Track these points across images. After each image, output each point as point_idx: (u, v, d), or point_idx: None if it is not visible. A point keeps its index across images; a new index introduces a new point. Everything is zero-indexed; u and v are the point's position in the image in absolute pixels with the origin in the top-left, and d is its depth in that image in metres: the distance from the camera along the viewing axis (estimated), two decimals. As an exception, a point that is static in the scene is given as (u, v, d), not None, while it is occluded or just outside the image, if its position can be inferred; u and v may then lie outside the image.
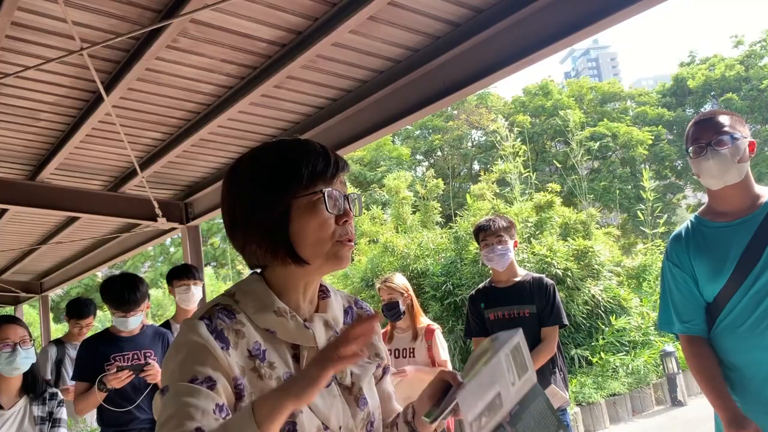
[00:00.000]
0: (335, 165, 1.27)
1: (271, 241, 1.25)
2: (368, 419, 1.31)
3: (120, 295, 3.43)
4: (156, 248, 27.45)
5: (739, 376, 2.22)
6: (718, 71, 32.05)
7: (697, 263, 2.29)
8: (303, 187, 1.23)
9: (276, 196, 1.24)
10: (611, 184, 27.35)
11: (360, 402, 1.29)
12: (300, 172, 1.23)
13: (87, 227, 6.88)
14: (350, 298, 1.46)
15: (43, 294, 10.18)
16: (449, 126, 30.98)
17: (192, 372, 1.11)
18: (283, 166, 1.25)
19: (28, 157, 4.67)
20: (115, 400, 3.41)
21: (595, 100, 34.14)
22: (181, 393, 1.09)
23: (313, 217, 1.23)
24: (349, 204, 1.28)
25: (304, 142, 1.30)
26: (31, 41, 3.01)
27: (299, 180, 1.23)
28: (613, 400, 8.54)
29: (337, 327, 1.33)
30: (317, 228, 1.23)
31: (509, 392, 1.24)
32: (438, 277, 10.64)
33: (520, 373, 1.28)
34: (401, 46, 3.40)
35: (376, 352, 1.42)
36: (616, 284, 10.75)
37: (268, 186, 1.25)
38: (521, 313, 3.46)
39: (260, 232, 1.25)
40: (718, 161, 2.21)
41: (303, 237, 1.23)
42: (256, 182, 1.26)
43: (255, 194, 1.26)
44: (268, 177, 1.25)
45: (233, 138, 4.54)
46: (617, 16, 2.72)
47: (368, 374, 1.35)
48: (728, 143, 2.20)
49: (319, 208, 1.23)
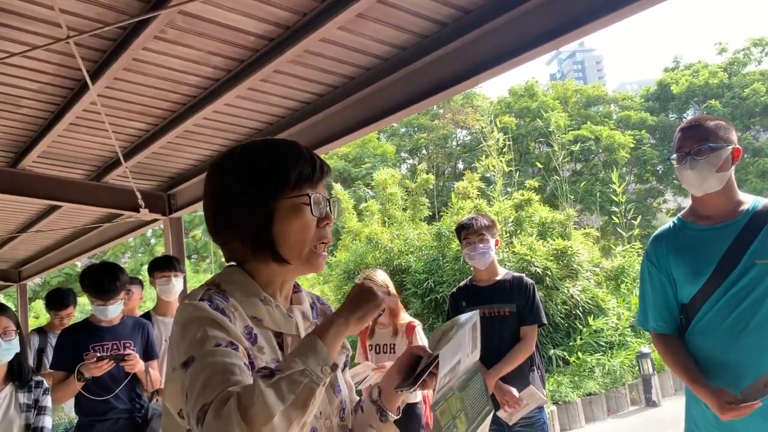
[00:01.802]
0: (320, 169, 1.31)
1: (254, 240, 1.29)
2: (341, 406, 1.37)
3: (100, 283, 3.43)
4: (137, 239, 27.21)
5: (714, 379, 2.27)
6: (702, 78, 32.37)
7: (676, 264, 2.34)
8: (289, 189, 1.27)
9: (262, 196, 1.27)
10: (593, 187, 27.55)
11: (335, 389, 1.36)
12: (287, 175, 1.27)
13: (68, 216, 6.83)
14: (312, 296, 1.52)
15: (21, 283, 10.08)
16: (435, 125, 31.02)
17: (214, 339, 1.13)
18: (271, 167, 1.29)
19: (9, 144, 4.62)
20: (93, 389, 3.40)
21: (580, 102, 34.35)
22: (210, 355, 1.10)
23: (297, 219, 1.28)
24: (330, 207, 1.33)
25: (291, 144, 1.34)
26: (17, 27, 2.98)
27: (286, 182, 1.27)
28: (589, 399, 8.64)
29: (308, 319, 1.41)
30: (299, 230, 1.28)
31: (466, 361, 1.41)
32: (420, 274, 10.68)
33: (473, 349, 1.46)
34: (389, 43, 3.42)
35: (343, 344, 1.45)
36: (594, 285, 10.86)
37: (255, 185, 1.28)
38: (501, 311, 3.50)
39: (244, 229, 1.29)
40: (697, 171, 2.26)
41: (285, 238, 1.28)
42: (243, 180, 1.29)
43: (241, 192, 1.29)
44: (256, 176, 1.29)
45: (218, 131, 4.53)
46: (603, 20, 2.75)
47: (340, 363, 1.41)
48: (707, 153, 2.25)
49: (304, 211, 1.28)
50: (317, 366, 1.06)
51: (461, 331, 1.37)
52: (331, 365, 1.09)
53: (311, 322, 1.40)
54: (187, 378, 1.09)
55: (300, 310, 1.38)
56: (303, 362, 1.06)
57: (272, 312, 1.29)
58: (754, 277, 2.19)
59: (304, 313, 1.39)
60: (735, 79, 31.65)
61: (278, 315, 1.30)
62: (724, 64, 32.95)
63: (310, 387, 1.04)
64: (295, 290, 1.43)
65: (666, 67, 36.11)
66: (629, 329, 10.31)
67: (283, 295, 1.37)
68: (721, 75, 32.06)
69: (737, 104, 30.23)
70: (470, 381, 1.47)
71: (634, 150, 30.47)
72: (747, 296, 2.19)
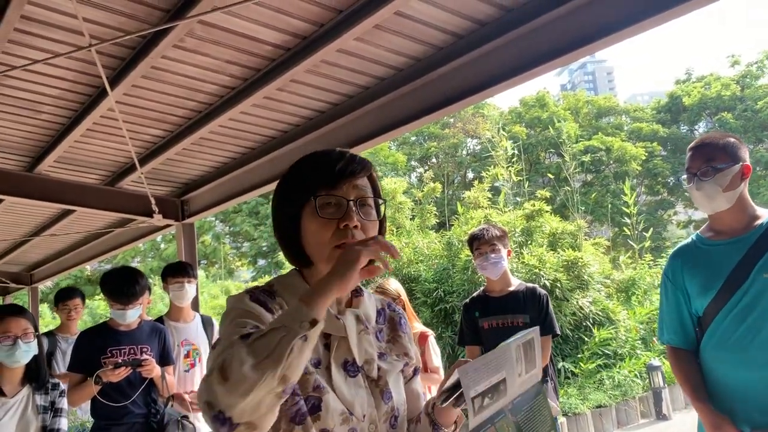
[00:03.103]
0: (339, 171, 1.33)
1: (285, 244, 1.39)
2: (392, 413, 1.37)
3: (119, 287, 3.47)
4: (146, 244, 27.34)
5: (723, 392, 2.28)
6: (714, 90, 32.27)
7: (690, 278, 2.37)
8: (306, 193, 1.33)
9: (288, 203, 1.36)
10: (603, 198, 27.48)
11: (385, 395, 1.36)
12: (306, 180, 1.34)
13: (81, 221, 6.88)
14: (384, 301, 1.55)
15: (33, 285, 10.14)
16: (445, 133, 31.05)
17: (242, 324, 1.21)
18: (296, 176, 1.38)
19: (27, 148, 4.68)
20: (110, 394, 3.43)
21: (591, 113, 34.32)
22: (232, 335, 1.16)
23: (313, 222, 1.32)
24: (357, 208, 1.33)
25: (325, 151, 1.40)
26: (40, 35, 3.04)
27: (305, 187, 1.34)
28: (599, 411, 8.60)
29: (369, 324, 1.42)
30: (315, 232, 1.32)
31: (514, 381, 1.31)
32: (430, 283, 10.68)
33: (528, 368, 1.35)
34: (404, 54, 3.45)
35: (405, 351, 1.49)
36: (604, 297, 10.83)
37: (285, 194, 1.39)
38: (515, 322, 3.51)
39: (280, 234, 1.40)
40: (704, 192, 2.29)
41: (307, 241, 1.35)
42: (279, 191, 1.41)
43: (277, 202, 1.41)
44: (286, 186, 1.39)
45: (233, 138, 4.57)
46: (615, 36, 2.77)
47: (395, 370, 1.42)
48: (713, 174, 2.27)
49: (315, 214, 1.31)
50: (295, 322, 1.08)
51: (504, 347, 1.31)
52: (311, 320, 1.09)
53: (370, 326, 1.42)
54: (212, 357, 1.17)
55: (354, 314, 1.39)
56: (280, 321, 1.10)
57: None
58: (762, 291, 2.20)
59: (359, 316, 1.40)
60: (748, 91, 31.53)
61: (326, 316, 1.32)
62: (736, 77, 32.84)
63: (286, 341, 1.06)
64: (355, 294, 1.46)
65: (678, 79, 36.04)
66: (639, 341, 10.26)
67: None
68: (733, 87, 31.96)
69: (750, 117, 30.10)
70: (528, 405, 1.37)
71: (645, 162, 30.38)
72: (753, 310, 2.20)
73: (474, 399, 1.21)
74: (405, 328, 1.54)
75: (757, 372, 2.17)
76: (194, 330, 4.18)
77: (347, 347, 1.35)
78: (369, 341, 1.40)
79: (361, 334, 1.38)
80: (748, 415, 2.18)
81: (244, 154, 4.90)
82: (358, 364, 1.35)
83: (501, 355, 1.29)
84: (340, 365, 1.32)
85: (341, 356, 1.33)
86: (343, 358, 1.33)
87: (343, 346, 1.34)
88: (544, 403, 1.40)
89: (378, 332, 1.46)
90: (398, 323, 1.53)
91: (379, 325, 1.47)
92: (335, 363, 1.32)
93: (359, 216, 1.32)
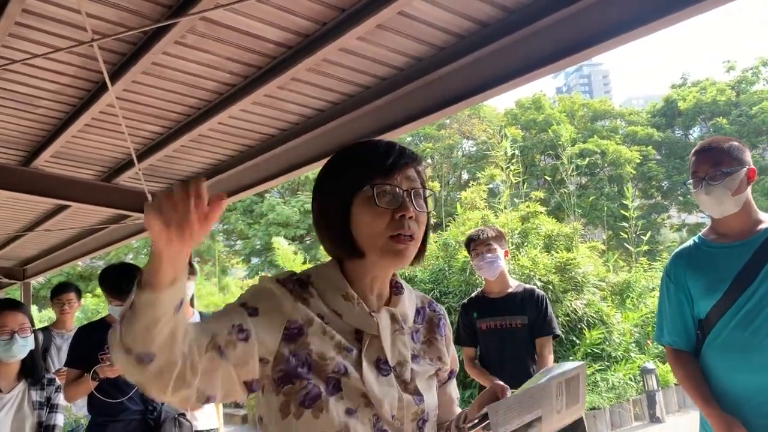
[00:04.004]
0: (394, 161, 1.32)
1: (333, 235, 1.35)
2: (421, 416, 1.34)
3: (117, 283, 3.47)
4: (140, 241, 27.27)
5: (724, 395, 2.28)
6: (709, 95, 32.40)
7: (693, 280, 2.37)
8: (360, 183, 1.30)
9: (338, 193, 1.33)
10: (598, 201, 27.56)
11: (416, 398, 1.34)
12: (358, 170, 1.32)
13: (76, 216, 6.85)
14: (425, 300, 1.53)
15: (25, 281, 10.09)
16: (441, 134, 31.09)
17: (244, 299, 1.28)
18: (346, 165, 1.36)
19: (23, 143, 4.65)
20: (107, 390, 3.42)
21: (586, 116, 34.42)
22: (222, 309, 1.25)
23: (367, 211, 1.30)
24: (412, 199, 1.31)
25: (372, 141, 1.39)
26: (40, 29, 3.02)
27: (357, 176, 1.31)
28: (592, 413, 8.62)
29: (405, 323, 1.39)
30: (370, 222, 1.29)
31: (551, 419, 1.26)
32: (426, 284, 10.68)
33: (569, 403, 1.30)
34: (406, 54, 3.45)
35: (439, 355, 1.46)
36: (599, 299, 10.85)
37: (333, 184, 1.36)
38: (513, 323, 3.52)
39: (327, 225, 1.36)
40: (713, 196, 2.29)
41: (359, 230, 1.31)
42: (325, 181, 1.38)
43: (323, 192, 1.38)
44: (334, 176, 1.37)
45: (232, 136, 4.56)
46: (619, 39, 2.76)
47: (427, 373, 1.39)
48: (722, 178, 2.27)
49: (370, 203, 1.29)
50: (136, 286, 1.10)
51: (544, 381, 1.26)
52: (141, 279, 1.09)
53: (406, 326, 1.39)
54: None
55: (390, 312, 1.37)
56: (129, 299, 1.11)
57: (353, 308, 1.31)
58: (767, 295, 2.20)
59: (395, 315, 1.37)
60: (743, 97, 31.69)
61: (358, 312, 1.31)
62: (732, 82, 33.00)
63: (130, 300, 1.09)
64: (396, 291, 1.44)
65: (673, 84, 36.18)
66: (633, 344, 10.28)
67: (375, 293, 1.38)
68: (728, 93, 32.11)
69: (744, 122, 30.25)
70: None
71: (639, 165, 30.48)
72: (759, 314, 2.20)
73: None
74: (443, 330, 1.51)
75: (760, 376, 2.17)
76: (192, 327, 4.16)
77: (380, 346, 1.32)
78: (403, 342, 1.37)
79: (396, 334, 1.36)
80: (749, 419, 2.18)
81: (242, 152, 4.88)
82: (391, 364, 1.32)
83: (537, 394, 1.25)
84: (372, 362, 1.30)
85: (373, 354, 1.31)
86: (375, 356, 1.31)
87: (375, 344, 1.32)
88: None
89: (414, 332, 1.43)
90: (437, 325, 1.50)
91: (416, 325, 1.44)
92: (367, 359, 1.29)
93: (413, 206, 1.31)
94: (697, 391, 2.33)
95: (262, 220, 25.71)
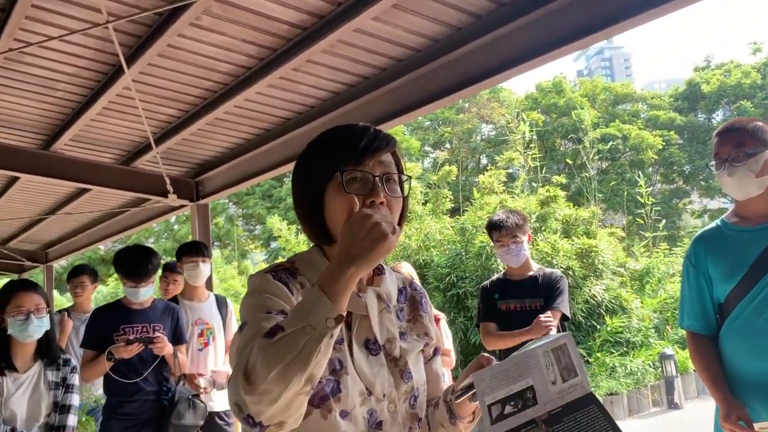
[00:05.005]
0: (365, 146, 1.29)
1: (308, 220, 1.35)
2: (412, 393, 1.36)
3: (132, 265, 3.51)
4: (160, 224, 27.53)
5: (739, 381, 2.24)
6: (734, 77, 31.78)
7: (713, 264, 2.33)
8: (331, 169, 1.29)
9: (311, 178, 1.33)
10: (619, 186, 27.28)
11: (405, 375, 1.35)
12: (330, 155, 1.30)
13: (96, 200, 6.92)
14: (405, 280, 1.53)
15: (48, 264, 10.23)
16: (459, 118, 30.89)
17: (266, 307, 1.21)
18: (320, 150, 1.34)
19: (43, 126, 4.70)
20: (122, 370, 3.47)
21: (608, 100, 33.97)
22: (258, 321, 1.16)
23: (338, 198, 1.27)
24: (383, 185, 1.29)
25: (348, 126, 1.36)
26: (56, 11, 3.02)
27: (329, 162, 1.30)
28: (610, 399, 8.58)
29: (390, 302, 1.40)
30: (339, 208, 1.26)
31: (547, 390, 1.23)
32: (442, 268, 10.66)
33: (564, 375, 1.25)
34: (422, 35, 3.41)
35: (426, 331, 1.47)
36: (618, 285, 10.77)
37: (307, 169, 1.35)
38: (533, 305, 3.55)
39: (302, 210, 1.36)
40: (736, 177, 2.24)
41: (331, 219, 1.31)
42: (302, 166, 1.37)
43: (299, 176, 1.37)
44: (309, 161, 1.35)
45: (248, 119, 4.55)
46: (637, 19, 2.71)
47: (415, 350, 1.41)
48: (745, 159, 2.21)
49: (341, 190, 1.27)
50: (321, 320, 1.04)
51: (529, 352, 1.25)
52: (336, 317, 1.05)
53: (391, 305, 1.40)
54: (238, 341, 1.17)
55: (375, 292, 1.38)
56: (305, 317, 1.04)
57: None
58: None
59: (381, 295, 1.38)
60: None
61: None
62: (757, 65, 32.32)
63: (313, 343, 1.02)
64: (377, 272, 1.44)
65: (696, 66, 35.51)
66: (653, 330, 10.20)
67: None
68: (754, 75, 31.48)
69: (769, 105, 29.66)
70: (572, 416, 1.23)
71: (661, 150, 30.07)
72: None
73: (491, 406, 1.18)
74: (426, 307, 1.52)
75: None
76: (208, 309, 4.20)
77: (368, 326, 1.33)
78: (390, 320, 1.38)
79: (383, 312, 1.37)
80: (764, 403, 2.15)
81: (258, 135, 4.88)
82: (380, 342, 1.33)
83: (523, 362, 1.23)
84: (361, 344, 1.31)
85: (363, 335, 1.32)
86: (364, 337, 1.32)
87: (364, 324, 1.33)
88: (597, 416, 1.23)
89: (399, 311, 1.44)
90: (419, 302, 1.51)
91: (400, 304, 1.45)
92: (357, 341, 1.30)
93: (385, 192, 1.28)
94: (708, 373, 2.31)
95: (281, 205, 25.80)
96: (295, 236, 13.71)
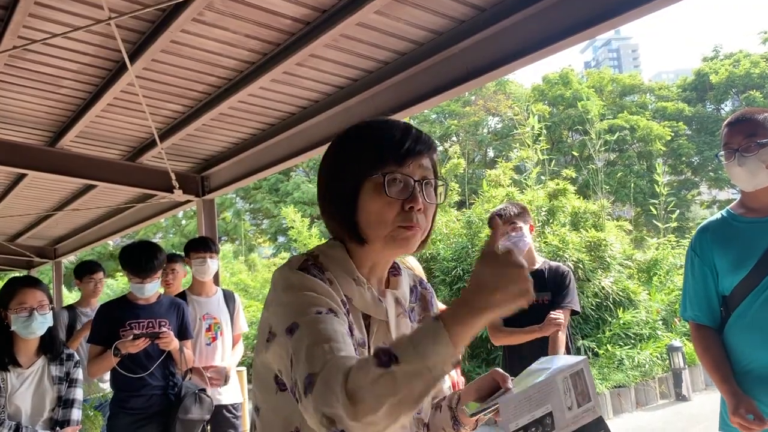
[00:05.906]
0: (409, 148, 1.25)
1: (338, 217, 1.30)
2: None
3: (138, 261, 3.53)
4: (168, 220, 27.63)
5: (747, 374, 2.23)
6: (743, 67, 31.50)
7: (720, 255, 2.31)
8: (371, 168, 1.24)
9: (347, 175, 1.27)
10: (627, 178, 27.13)
11: None
12: (370, 154, 1.25)
13: (103, 196, 6.95)
14: (415, 278, 1.50)
15: (57, 260, 10.30)
16: (466, 111, 30.78)
17: (315, 306, 1.14)
18: (358, 146, 1.29)
19: (48, 123, 4.72)
20: (128, 365, 3.50)
21: (615, 91, 33.75)
22: (313, 323, 1.11)
23: (376, 198, 1.24)
24: (423, 190, 1.26)
25: (387, 123, 1.32)
26: (59, 9, 3.03)
27: (368, 161, 1.25)
28: (617, 391, 8.57)
29: (405, 304, 1.37)
30: (378, 211, 1.24)
31: (564, 416, 1.25)
32: (448, 261, 10.65)
33: (579, 401, 1.29)
34: (425, 28, 3.39)
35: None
36: (626, 277, 10.74)
37: (343, 164, 1.29)
38: (539, 300, 3.50)
39: (332, 206, 1.31)
40: (746, 168, 2.22)
41: (365, 217, 1.26)
42: (335, 159, 1.32)
43: (332, 170, 1.31)
44: (345, 155, 1.30)
45: (252, 114, 4.56)
46: (643, 9, 2.68)
47: None
48: (756, 149, 2.19)
49: (381, 191, 1.24)
50: (439, 365, 0.96)
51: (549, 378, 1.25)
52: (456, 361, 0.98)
53: (405, 308, 1.37)
54: (292, 345, 1.10)
55: (394, 296, 1.35)
56: (425, 356, 0.96)
57: (363, 293, 1.28)
58: None
59: (398, 298, 1.36)
60: (778, 69, 30.77)
61: (369, 297, 1.29)
62: (767, 54, 32.01)
63: (428, 385, 0.97)
64: (393, 273, 1.41)
65: (705, 56, 35.22)
66: (660, 322, 10.17)
67: (376, 277, 1.35)
68: (763, 65, 31.20)
69: (779, 95, 29.41)
70: None
71: (669, 142, 29.88)
72: None
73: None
74: (434, 307, 1.50)
75: None
76: (216, 304, 4.22)
77: (386, 331, 1.31)
78: (406, 324, 1.36)
79: (399, 317, 1.35)
80: None
81: (263, 130, 4.88)
82: None
83: (545, 388, 1.25)
84: None
85: (380, 339, 1.30)
86: (381, 342, 1.29)
87: (382, 329, 1.30)
88: None
89: (410, 311, 1.42)
90: (429, 302, 1.49)
91: (411, 304, 1.43)
92: (374, 346, 1.28)
93: (423, 198, 1.26)
94: (714, 366, 2.29)
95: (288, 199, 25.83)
96: (307, 229, 13.72)
